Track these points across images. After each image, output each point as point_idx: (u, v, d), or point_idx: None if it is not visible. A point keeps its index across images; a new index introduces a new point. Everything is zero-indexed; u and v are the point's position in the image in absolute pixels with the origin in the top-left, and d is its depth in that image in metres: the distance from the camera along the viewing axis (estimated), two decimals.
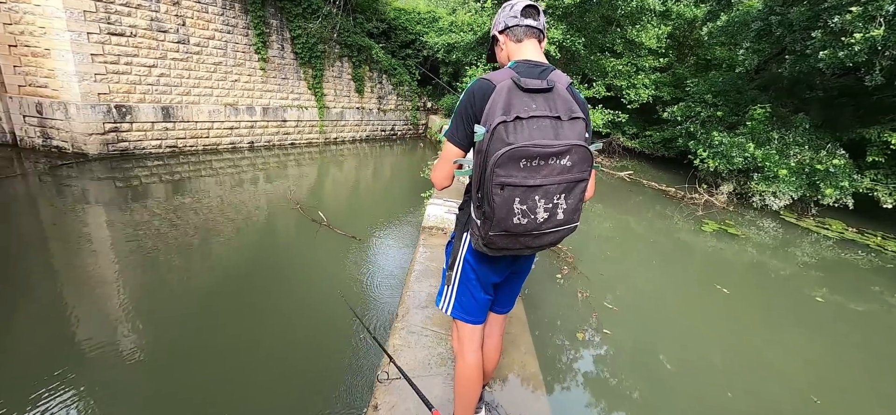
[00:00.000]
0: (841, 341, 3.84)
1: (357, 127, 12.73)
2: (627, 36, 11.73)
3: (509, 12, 1.26)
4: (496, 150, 1.02)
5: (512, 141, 1.02)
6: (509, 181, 1.03)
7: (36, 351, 2.67)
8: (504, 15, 1.27)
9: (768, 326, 3.97)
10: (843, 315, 4.36)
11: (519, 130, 1.03)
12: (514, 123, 1.04)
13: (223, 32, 8.78)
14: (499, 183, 1.02)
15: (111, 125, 7.43)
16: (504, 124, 1.03)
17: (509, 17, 1.26)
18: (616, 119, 11.82)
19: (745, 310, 4.24)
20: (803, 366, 3.32)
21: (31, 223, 4.99)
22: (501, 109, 1.05)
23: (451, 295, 1.36)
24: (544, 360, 2.79)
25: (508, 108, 1.05)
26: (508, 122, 1.03)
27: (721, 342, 3.56)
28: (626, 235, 6.47)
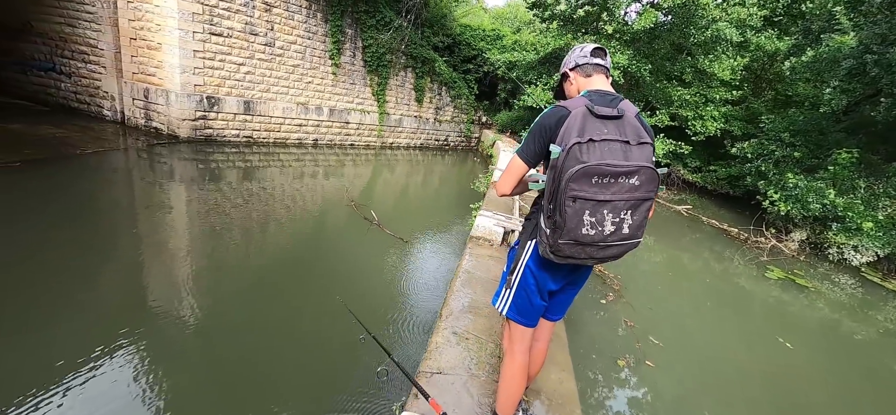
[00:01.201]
0: None
1: (413, 134, 13.22)
2: (698, 65, 11.22)
3: (579, 53, 1.43)
4: (571, 166, 1.16)
5: (585, 159, 1.16)
6: (581, 195, 1.16)
7: (108, 308, 3.07)
8: (574, 55, 1.45)
9: (836, 395, 3.64)
10: None
11: (592, 151, 1.17)
12: (588, 144, 1.18)
13: (304, 38, 9.60)
14: (572, 196, 1.17)
15: (201, 113, 8.37)
16: (578, 145, 1.18)
17: (580, 57, 1.43)
18: (678, 150, 11.29)
19: (810, 371, 3.91)
20: None
21: (126, 191, 5.79)
22: (577, 132, 1.19)
23: (509, 297, 1.49)
24: (582, 380, 2.80)
25: (583, 131, 1.19)
26: (582, 143, 1.18)
27: (776, 402, 3.33)
28: (679, 272, 6.19)
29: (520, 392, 1.50)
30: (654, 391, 3.13)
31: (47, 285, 3.16)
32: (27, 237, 3.83)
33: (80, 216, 4.60)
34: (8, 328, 2.62)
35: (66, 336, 2.63)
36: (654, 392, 3.12)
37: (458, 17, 14.29)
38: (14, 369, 2.31)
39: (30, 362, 2.37)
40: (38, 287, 3.12)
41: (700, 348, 3.95)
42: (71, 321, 2.80)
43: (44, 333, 2.64)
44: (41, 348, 2.48)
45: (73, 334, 2.67)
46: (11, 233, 3.86)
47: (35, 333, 2.63)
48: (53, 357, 2.41)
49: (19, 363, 2.35)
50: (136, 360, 2.51)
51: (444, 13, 13.29)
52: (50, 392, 2.17)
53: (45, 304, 2.93)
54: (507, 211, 4.90)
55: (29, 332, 2.63)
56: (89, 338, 2.63)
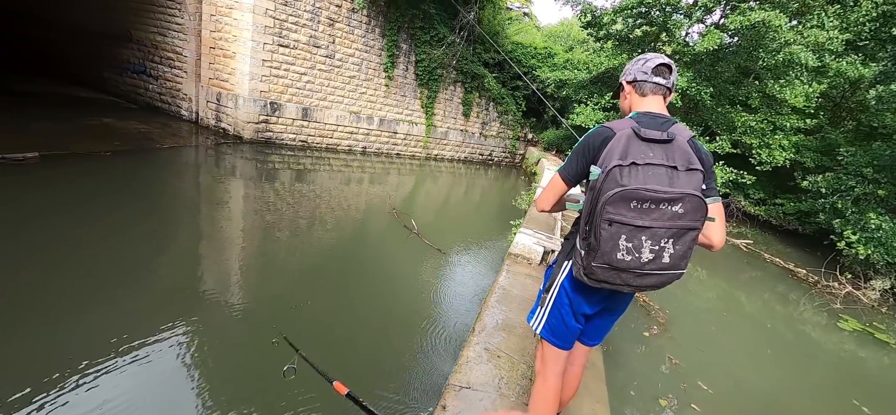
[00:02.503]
0: None
1: (458, 147, 13.38)
2: (767, 90, 10.44)
3: (641, 67, 1.37)
4: (609, 189, 1.15)
5: (624, 183, 1.13)
6: (618, 219, 1.13)
7: (168, 289, 3.37)
8: (635, 67, 1.38)
9: None
10: None
11: (633, 175, 1.14)
12: (630, 167, 1.15)
13: (362, 51, 10.12)
14: (608, 219, 1.14)
15: (263, 117, 9.03)
16: (619, 168, 1.15)
17: (639, 72, 1.37)
18: (739, 179, 10.52)
19: None
20: None
21: (193, 184, 6.38)
22: (619, 155, 1.17)
23: (544, 316, 1.48)
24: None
25: (625, 153, 1.17)
26: (624, 166, 1.15)
27: None
28: (735, 311, 5.73)
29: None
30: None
31: (118, 263, 3.55)
32: (106, 218, 4.35)
33: (152, 204, 5.15)
34: (80, 299, 2.98)
35: (128, 312, 2.94)
36: None
37: (510, 34, 14.38)
38: (84, 337, 2.60)
39: (94, 332, 2.66)
40: (110, 264, 3.51)
41: (756, 400, 3.60)
42: (134, 299, 3.12)
43: (109, 307, 2.96)
44: (105, 321, 2.78)
45: (134, 311, 2.97)
46: (93, 214, 4.40)
47: (103, 306, 2.96)
48: (115, 331, 2.68)
49: (88, 332, 2.65)
50: (186, 341, 2.74)
51: (496, 31, 13.44)
52: (111, 362, 2.43)
53: (115, 280, 3.29)
54: (548, 230, 4.82)
55: (98, 304, 2.96)
56: (148, 316, 2.92)
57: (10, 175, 4.74)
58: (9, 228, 3.70)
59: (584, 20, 12.02)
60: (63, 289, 3.02)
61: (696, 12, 10.32)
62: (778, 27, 8.84)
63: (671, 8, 10.47)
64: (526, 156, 15.02)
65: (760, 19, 8.80)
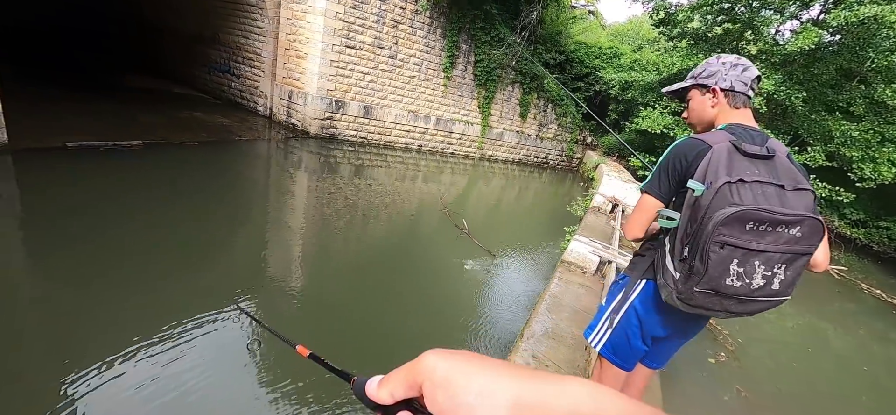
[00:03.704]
0: None
1: (512, 149, 13.21)
2: (876, 96, 9.08)
3: (740, 75, 1.24)
4: (721, 208, 1.04)
5: (738, 202, 1.03)
6: (731, 241, 1.03)
7: (236, 269, 3.71)
8: (733, 74, 1.25)
9: None
10: None
11: (743, 193, 1.04)
12: (738, 184, 1.05)
13: (422, 52, 10.36)
14: (720, 241, 1.04)
15: (329, 114, 9.57)
16: (729, 185, 1.05)
17: (739, 82, 1.24)
18: (835, 196, 9.26)
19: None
20: None
21: (264, 174, 6.94)
22: (725, 171, 1.07)
23: (606, 333, 1.41)
24: None
25: (731, 170, 1.07)
26: (732, 183, 1.05)
27: None
28: (821, 347, 5.08)
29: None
30: None
31: (198, 241, 3.99)
32: (191, 200, 4.93)
33: (228, 190, 5.75)
34: (160, 271, 3.37)
35: (201, 287, 3.28)
36: None
37: (573, 34, 13.89)
38: (159, 307, 2.93)
39: (165, 303, 2.97)
40: (192, 242, 3.95)
41: None
42: (204, 275, 3.48)
43: (183, 281, 3.33)
44: (177, 294, 3.12)
45: (205, 286, 3.31)
46: (182, 195, 5.00)
47: (176, 279, 3.33)
48: (183, 302, 2.99)
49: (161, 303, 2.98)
50: (245, 320, 2.99)
51: (559, 30, 13.05)
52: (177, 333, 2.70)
53: (191, 257, 3.70)
54: (606, 239, 4.61)
55: (172, 278, 3.33)
56: (216, 291, 3.22)
57: (120, 159, 5.53)
58: (117, 203, 4.33)
59: (656, 18, 11.29)
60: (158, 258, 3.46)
61: (790, 6, 9.26)
62: (894, 23, 7.66)
63: (759, 3, 9.49)
64: (584, 160, 14.44)
65: (871, 14, 7.68)
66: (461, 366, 0.30)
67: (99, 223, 3.87)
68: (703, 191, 1.08)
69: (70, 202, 4.16)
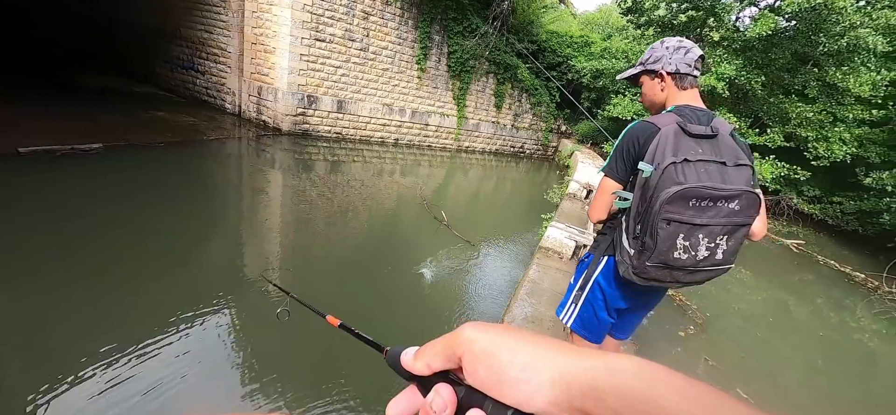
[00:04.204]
0: None
1: (489, 140, 13.29)
2: (827, 79, 9.61)
3: (684, 58, 1.30)
4: (666, 187, 1.11)
5: (682, 181, 1.10)
6: (676, 218, 1.11)
7: (210, 271, 3.62)
8: (676, 58, 1.31)
9: None
10: None
11: (687, 172, 1.12)
12: (683, 164, 1.12)
13: (395, 44, 10.24)
14: (666, 218, 1.12)
15: (301, 110, 9.35)
16: (674, 165, 1.12)
17: (683, 64, 1.30)
18: (793, 175, 9.80)
19: None
20: None
21: (236, 173, 6.72)
22: (671, 151, 1.14)
23: (575, 310, 1.48)
24: None
25: (677, 150, 1.14)
26: (677, 163, 1.12)
27: None
28: (782, 317, 5.39)
29: None
30: None
31: (171, 246, 3.84)
32: (160, 205, 4.70)
33: (200, 192, 5.51)
34: (130, 275, 3.24)
35: (173, 290, 3.17)
36: None
37: (545, 24, 14.02)
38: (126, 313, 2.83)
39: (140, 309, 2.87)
40: (164, 246, 3.79)
41: (801, 411, 3.41)
42: (183, 278, 3.36)
43: (155, 286, 3.21)
44: (151, 298, 3.01)
45: (183, 289, 3.20)
46: (149, 200, 4.77)
47: (150, 283, 3.21)
48: (167, 307, 2.90)
49: (132, 310, 2.88)
50: (223, 320, 2.91)
51: (531, 20, 13.16)
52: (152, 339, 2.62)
53: (161, 261, 3.57)
54: (581, 224, 4.73)
55: (146, 282, 3.22)
56: (194, 293, 3.13)
57: (78, 163, 5.23)
58: (77, 212, 4.09)
59: (624, 6, 11.53)
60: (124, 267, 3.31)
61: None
62: (842, 9, 8.11)
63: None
64: (559, 148, 14.70)
65: (822, 1, 8.10)
66: (503, 340, 0.30)
67: (57, 234, 3.66)
68: (651, 172, 1.15)
69: (24, 214, 3.92)
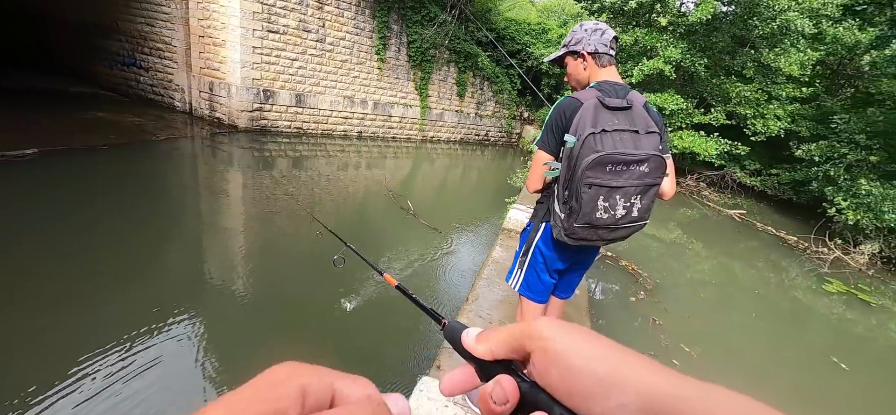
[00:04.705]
0: None
1: (453, 129, 13.37)
2: (762, 59, 10.39)
3: (600, 39, 1.45)
4: (586, 155, 1.25)
5: (599, 149, 1.24)
6: (596, 182, 1.25)
7: (170, 279, 3.43)
8: (594, 39, 1.45)
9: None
10: None
11: (605, 141, 1.25)
12: (601, 134, 1.26)
13: (352, 34, 10.04)
14: (587, 183, 1.25)
15: (257, 105, 9.02)
16: (593, 135, 1.26)
17: (600, 44, 1.44)
18: (734, 150, 10.55)
19: (865, 396, 3.61)
20: None
21: (191, 175, 6.41)
22: (590, 123, 1.27)
23: (521, 275, 1.60)
24: None
25: (596, 122, 1.27)
26: (596, 133, 1.26)
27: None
28: (726, 280, 5.86)
29: None
30: None
31: (120, 254, 3.60)
32: (108, 211, 4.41)
33: (152, 196, 5.20)
34: (78, 291, 3.05)
35: (129, 303, 2.95)
36: None
37: (502, 11, 14.18)
38: (76, 331, 2.64)
39: (94, 325, 2.67)
40: (118, 257, 3.57)
41: (737, 360, 3.75)
42: (135, 289, 3.14)
43: (111, 297, 3.01)
44: (107, 312, 2.82)
45: (136, 301, 2.97)
46: (95, 208, 4.47)
47: (106, 296, 3.01)
48: (115, 322, 2.70)
49: (86, 325, 2.69)
50: (189, 330, 2.75)
51: (489, 7, 13.26)
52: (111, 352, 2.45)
53: (116, 271, 3.34)
54: None
55: (100, 294, 3.00)
56: (150, 307, 2.90)
57: (11, 173, 4.80)
58: (14, 226, 3.79)
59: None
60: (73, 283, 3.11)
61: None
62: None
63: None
64: (522, 135, 15.02)
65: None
66: (583, 345, 0.27)
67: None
68: (574, 142, 1.28)
69: None
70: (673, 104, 10.26)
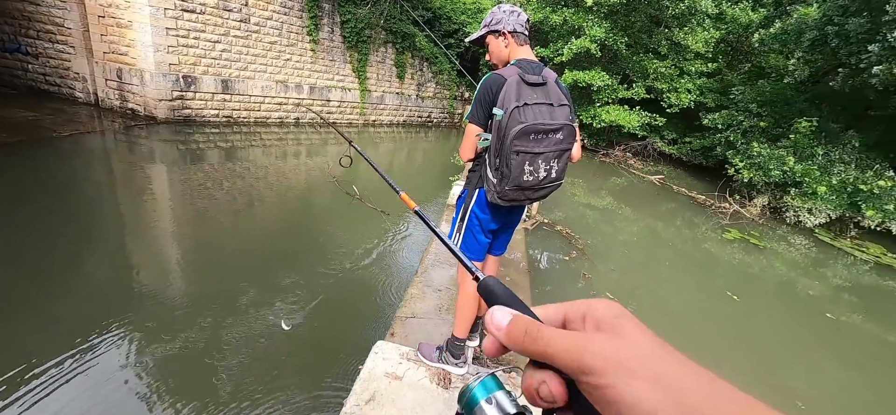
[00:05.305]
0: (864, 367, 3.75)
1: (395, 111, 13.23)
2: (674, 38, 11.47)
3: (517, 20, 1.61)
4: (513, 127, 1.42)
5: (524, 120, 1.41)
6: (522, 149, 1.43)
7: (94, 292, 3.07)
8: (512, 20, 1.60)
9: (783, 342, 4.02)
10: (868, 339, 4.33)
11: (527, 113, 1.43)
12: (523, 107, 1.43)
13: (280, 14, 9.46)
14: (516, 151, 1.43)
15: (178, 93, 8.27)
16: (517, 108, 1.43)
17: (518, 25, 1.61)
18: (653, 122, 11.62)
19: (756, 322, 4.30)
20: (806, 381, 3.40)
21: (106, 174, 5.73)
22: (515, 98, 1.43)
23: (459, 238, 1.75)
24: None
25: (519, 96, 1.44)
26: (520, 107, 1.43)
27: (719, 347, 3.70)
28: (648, 238, 6.56)
29: (473, 317, 1.77)
30: None
31: (30, 272, 3.15)
32: (7, 222, 3.84)
33: (59, 201, 4.55)
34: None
35: (50, 324, 2.61)
36: None
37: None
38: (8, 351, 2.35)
39: (14, 349, 2.35)
40: (20, 273, 3.11)
41: (650, 300, 4.31)
42: (54, 309, 2.78)
43: (26, 320, 2.64)
44: (25, 335, 2.49)
45: (58, 321, 2.65)
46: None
47: (16, 320, 2.63)
48: (37, 345, 2.39)
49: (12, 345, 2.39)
50: (123, 345, 2.48)
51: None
52: (37, 378, 2.19)
53: (28, 292, 2.91)
54: None
55: (9, 320, 2.62)
56: (74, 326, 2.60)
57: None
58: None
59: None
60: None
61: None
62: None
63: None
64: (464, 115, 15.23)
65: None
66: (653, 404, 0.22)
67: None
68: (502, 115, 1.45)
69: None
70: (600, 81, 11.02)
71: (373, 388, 1.53)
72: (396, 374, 1.63)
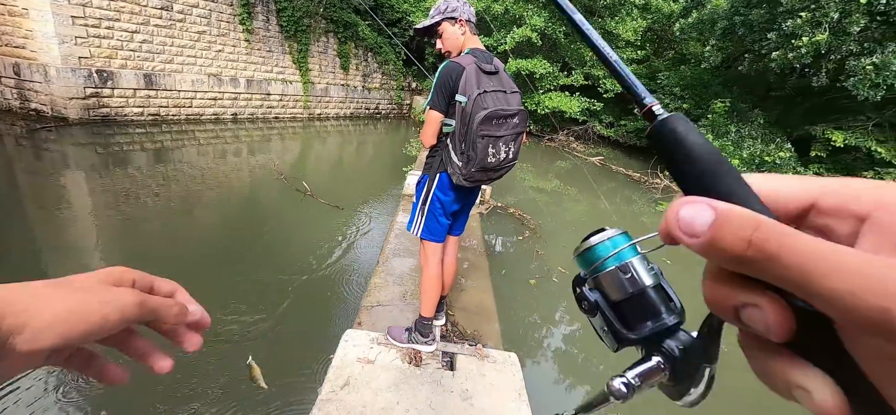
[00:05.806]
0: None
1: (342, 104, 12.84)
2: (606, 27, 12.19)
3: (468, 10, 1.67)
4: (477, 113, 1.50)
5: (487, 106, 1.51)
6: (486, 133, 1.52)
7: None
8: (465, 9, 1.65)
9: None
10: None
11: (487, 100, 1.53)
12: (483, 94, 1.52)
13: (207, 1, 8.75)
14: (481, 135, 1.52)
15: (92, 90, 7.41)
16: (480, 95, 1.51)
17: (469, 14, 1.67)
18: (592, 107, 12.33)
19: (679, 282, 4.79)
20: None
21: (8, 187, 4.92)
22: (476, 85, 1.52)
23: (422, 222, 1.79)
24: (499, 297, 3.15)
25: (479, 84, 1.53)
26: (480, 94, 1.51)
27: None
28: (596, 216, 7.00)
29: (437, 296, 1.83)
30: (557, 299, 3.76)
31: None
32: None
33: None
34: None
35: None
36: (557, 299, 3.76)
37: None
38: None
39: None
40: None
41: None
42: None
43: None
44: None
45: None
46: None
47: None
48: None
49: None
50: (52, 380, 2.21)
51: None
52: None
53: None
54: None
55: None
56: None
57: None
58: None
59: None
60: None
61: None
62: None
63: None
64: (412, 105, 15.17)
65: None
66: None
67: None
68: (466, 101, 1.52)
69: None
70: (542, 68, 11.47)
71: (346, 374, 1.53)
72: (368, 358, 1.64)
